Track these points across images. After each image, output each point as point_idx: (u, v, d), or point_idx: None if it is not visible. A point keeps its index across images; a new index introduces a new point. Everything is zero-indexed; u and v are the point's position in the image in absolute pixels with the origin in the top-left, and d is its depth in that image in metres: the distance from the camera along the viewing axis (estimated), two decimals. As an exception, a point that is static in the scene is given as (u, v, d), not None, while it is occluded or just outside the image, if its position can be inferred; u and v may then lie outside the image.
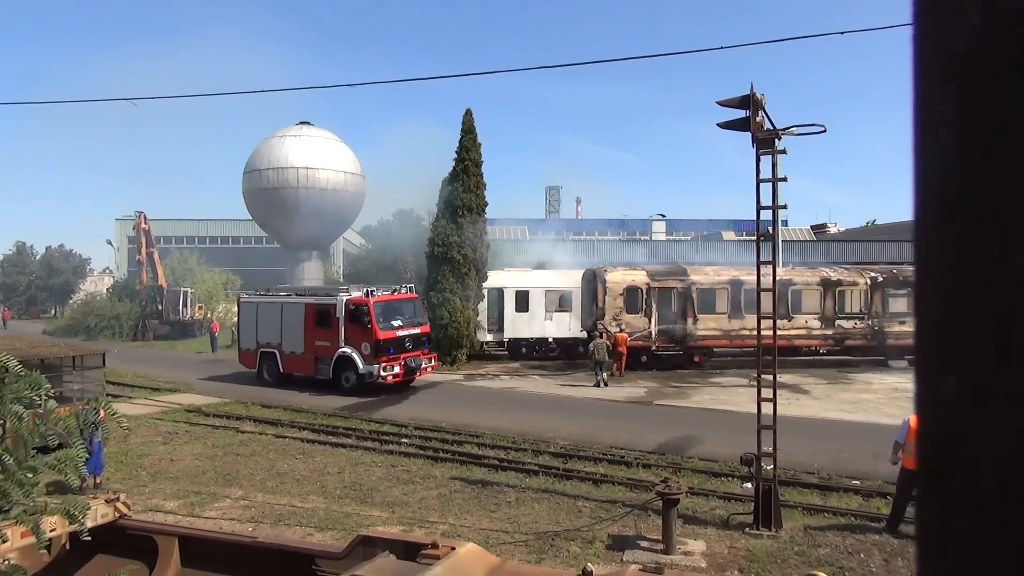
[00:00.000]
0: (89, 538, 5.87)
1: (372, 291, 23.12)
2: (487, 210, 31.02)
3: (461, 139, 30.50)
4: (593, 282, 28.40)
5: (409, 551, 4.95)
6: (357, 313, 22.64)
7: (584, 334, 29.29)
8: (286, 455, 15.12)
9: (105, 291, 59.66)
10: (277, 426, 18.17)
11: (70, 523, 5.92)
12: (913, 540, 9.52)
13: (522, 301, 31.18)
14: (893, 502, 10.34)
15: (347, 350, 22.77)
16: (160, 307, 46.53)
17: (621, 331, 26.48)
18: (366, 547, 5.20)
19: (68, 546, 6.31)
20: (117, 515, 6.41)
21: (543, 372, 28.03)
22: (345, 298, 22.97)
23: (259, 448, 15.72)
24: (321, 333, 23.42)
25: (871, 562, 9.12)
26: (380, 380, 22.28)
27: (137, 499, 11.38)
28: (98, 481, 12.46)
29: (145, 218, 47.14)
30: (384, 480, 13.16)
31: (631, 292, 27.74)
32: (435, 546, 4.82)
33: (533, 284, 31.53)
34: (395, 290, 24.37)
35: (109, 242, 70.60)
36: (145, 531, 6.52)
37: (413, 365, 23.25)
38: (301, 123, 53.71)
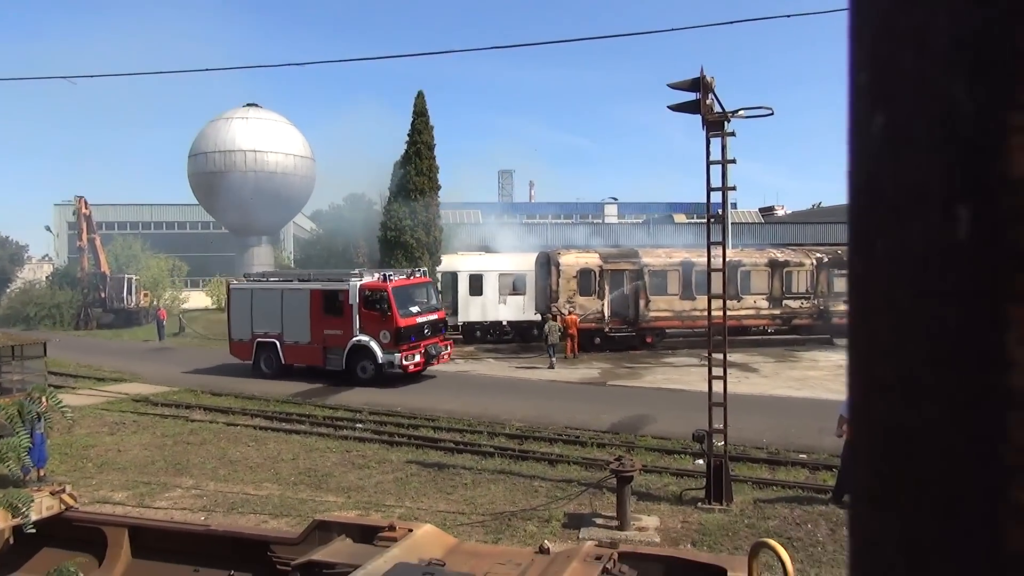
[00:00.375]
0: (33, 531, 5.71)
1: (388, 275, 21.93)
2: (440, 193, 30.88)
3: (413, 122, 30.25)
4: (547, 265, 28.51)
5: (366, 534, 4.94)
6: (374, 299, 21.36)
7: (538, 317, 29.48)
8: (238, 443, 14.90)
9: (44, 279, 57.65)
10: (228, 414, 17.88)
11: (13, 516, 5.76)
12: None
13: (476, 284, 31.12)
14: (838, 474, 10.68)
15: (363, 338, 21.51)
16: (103, 295, 45.20)
17: (571, 313, 26.67)
18: (322, 532, 5.16)
19: (12, 540, 6.13)
20: (63, 507, 6.24)
21: (498, 355, 28.09)
22: (359, 283, 21.67)
23: (210, 436, 15.46)
24: (331, 321, 22.03)
25: (818, 532, 9.41)
26: (400, 369, 21.34)
27: (84, 491, 11.10)
28: (42, 474, 12.10)
29: (86, 203, 45.61)
30: (339, 466, 13.07)
31: (584, 274, 27.94)
32: (392, 528, 4.82)
33: (487, 267, 31.51)
34: (410, 274, 23.25)
35: (48, 228, 68.17)
36: (93, 523, 6.37)
37: (433, 352, 22.16)
38: (248, 105, 52.55)
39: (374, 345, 21.41)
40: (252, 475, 12.65)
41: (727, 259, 11.04)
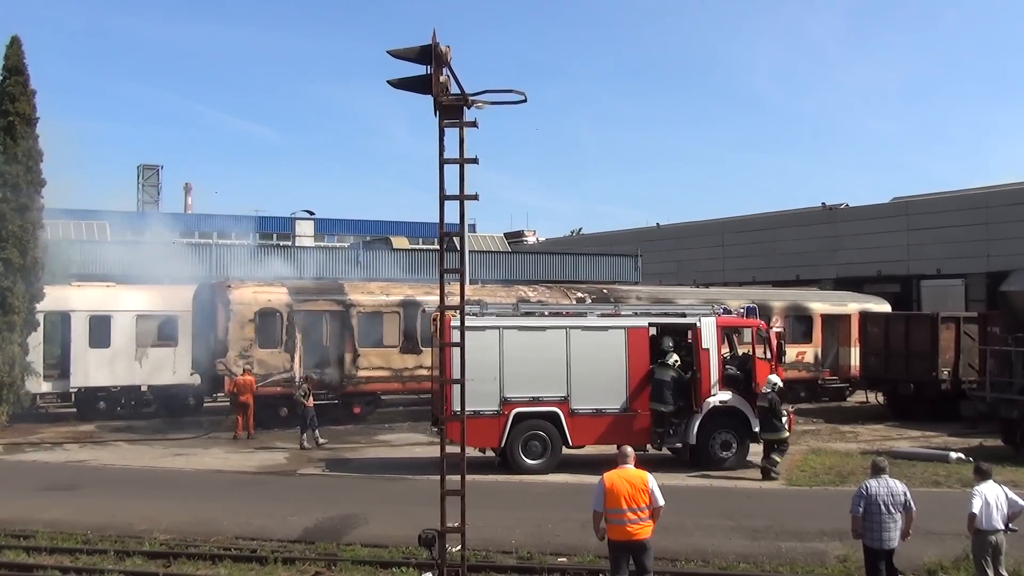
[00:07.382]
0: None
1: (753, 308, 22.50)
2: (45, 193, 28.67)
3: (3, 83, 27.89)
4: (211, 303, 27.70)
5: None
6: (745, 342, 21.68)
7: (197, 379, 28.50)
8: None
9: None
10: None
11: None
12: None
13: (100, 331, 29.43)
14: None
15: (726, 398, 20.53)
16: None
17: (246, 373, 25.90)
18: None
19: None
20: None
21: (134, 437, 26.65)
22: (713, 319, 20.81)
23: None
24: None
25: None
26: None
27: None
28: None
29: None
30: None
31: (266, 317, 27.43)
32: None
33: (118, 306, 29.99)
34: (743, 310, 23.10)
35: None
36: None
37: None
38: None
39: (746, 410, 20.58)
40: None
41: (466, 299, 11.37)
